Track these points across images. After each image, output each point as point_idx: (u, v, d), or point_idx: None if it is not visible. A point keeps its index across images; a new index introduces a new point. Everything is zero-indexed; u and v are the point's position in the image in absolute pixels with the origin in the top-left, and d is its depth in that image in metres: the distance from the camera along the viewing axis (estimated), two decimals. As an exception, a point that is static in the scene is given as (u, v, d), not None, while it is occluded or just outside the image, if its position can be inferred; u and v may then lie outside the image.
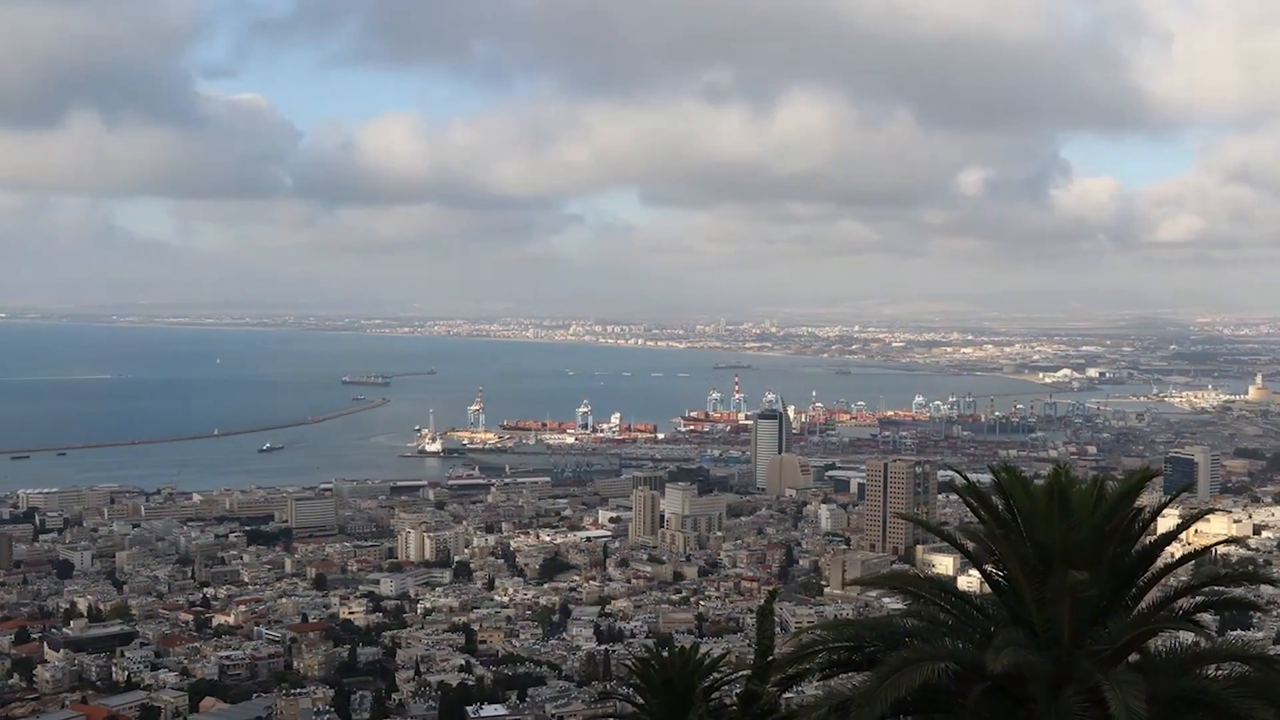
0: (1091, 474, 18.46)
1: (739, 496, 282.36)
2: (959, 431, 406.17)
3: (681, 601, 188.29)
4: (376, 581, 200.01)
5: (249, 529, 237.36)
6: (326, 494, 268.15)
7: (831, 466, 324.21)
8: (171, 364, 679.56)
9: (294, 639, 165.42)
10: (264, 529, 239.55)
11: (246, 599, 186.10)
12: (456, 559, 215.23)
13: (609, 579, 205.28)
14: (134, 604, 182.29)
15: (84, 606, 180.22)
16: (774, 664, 20.92)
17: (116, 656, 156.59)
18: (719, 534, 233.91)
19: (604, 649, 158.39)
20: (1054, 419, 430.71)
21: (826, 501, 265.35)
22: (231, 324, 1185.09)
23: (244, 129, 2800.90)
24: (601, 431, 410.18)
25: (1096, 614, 16.60)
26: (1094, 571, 16.20)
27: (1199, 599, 17.70)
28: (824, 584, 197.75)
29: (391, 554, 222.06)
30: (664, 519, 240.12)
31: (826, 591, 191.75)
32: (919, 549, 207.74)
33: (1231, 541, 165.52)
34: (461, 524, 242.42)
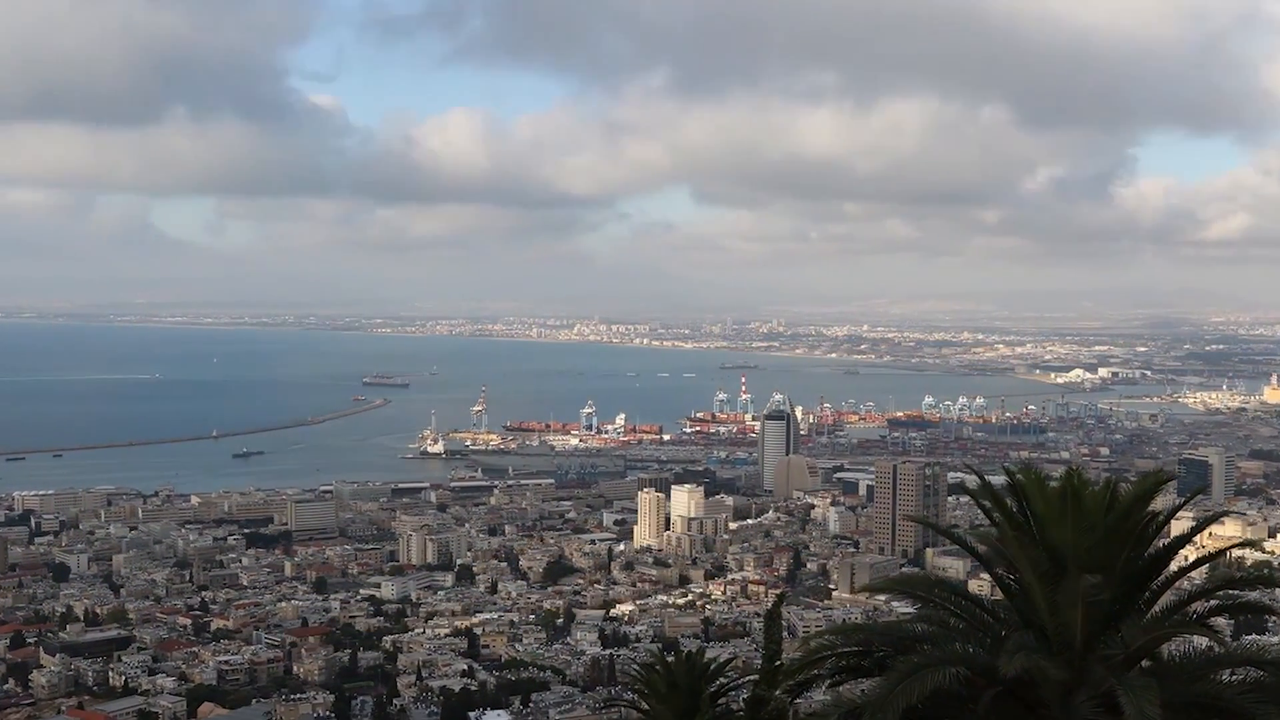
0: (1104, 476, 18.40)
1: (746, 499, 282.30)
2: (969, 433, 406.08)
3: (687, 605, 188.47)
4: (377, 585, 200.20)
5: (248, 532, 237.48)
6: (327, 496, 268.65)
7: (840, 468, 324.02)
8: (169, 365, 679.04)
9: (294, 643, 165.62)
10: (263, 532, 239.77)
11: (245, 603, 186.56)
12: (459, 562, 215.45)
13: (614, 583, 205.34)
14: (131, 608, 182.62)
15: (80, 610, 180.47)
16: (782, 669, 20.95)
17: (113, 661, 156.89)
18: (725, 537, 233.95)
19: (609, 654, 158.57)
20: (1066, 420, 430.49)
21: (835, 504, 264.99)
22: (230, 324, 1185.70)
23: (323, 127, 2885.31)
24: (606, 433, 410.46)
25: (1109, 618, 16.58)
26: (1107, 575, 16.20)
27: (1213, 603, 17.65)
28: (832, 588, 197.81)
29: (393, 557, 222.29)
30: (670, 522, 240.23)
31: (835, 595, 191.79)
32: (929, 552, 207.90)
33: (1246, 544, 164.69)
34: (464, 526, 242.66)
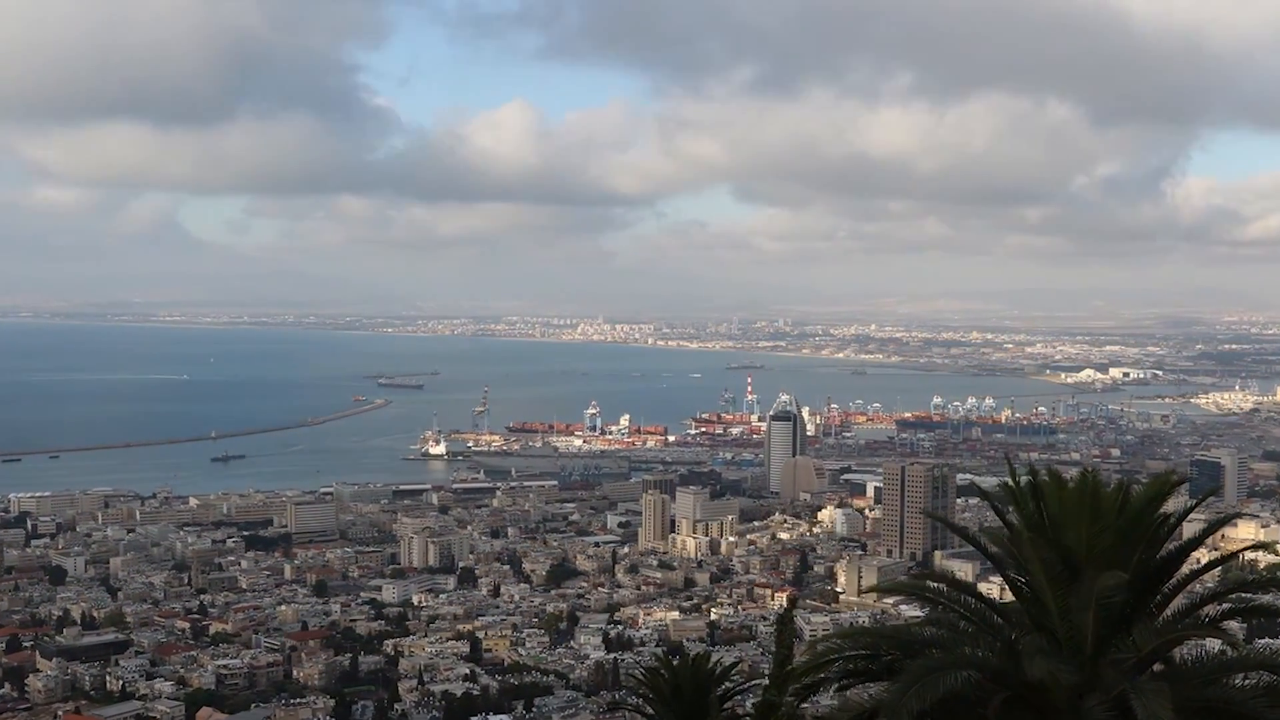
0: (1115, 477, 18.44)
1: (752, 500, 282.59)
2: (979, 434, 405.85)
3: (693, 609, 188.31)
4: (378, 588, 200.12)
5: (247, 534, 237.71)
6: (327, 498, 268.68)
7: (847, 469, 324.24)
8: (168, 365, 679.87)
9: (294, 647, 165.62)
10: (262, 534, 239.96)
11: (244, 606, 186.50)
12: (461, 565, 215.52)
13: (618, 585, 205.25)
14: (129, 611, 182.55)
15: (77, 614, 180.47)
16: (790, 673, 20.98)
17: (111, 665, 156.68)
18: (731, 539, 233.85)
19: (613, 658, 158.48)
20: (1076, 421, 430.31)
21: (842, 506, 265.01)
22: (229, 323, 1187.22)
23: (383, 125, 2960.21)
24: (610, 434, 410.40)
25: (1121, 621, 16.62)
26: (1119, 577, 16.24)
27: (1226, 606, 17.67)
28: (840, 591, 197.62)
29: (394, 560, 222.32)
30: (675, 524, 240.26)
31: (842, 598, 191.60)
32: (938, 554, 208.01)
33: (1259, 546, 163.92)
34: (466, 529, 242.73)
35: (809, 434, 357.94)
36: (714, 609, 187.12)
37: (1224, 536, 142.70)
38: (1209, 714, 16.16)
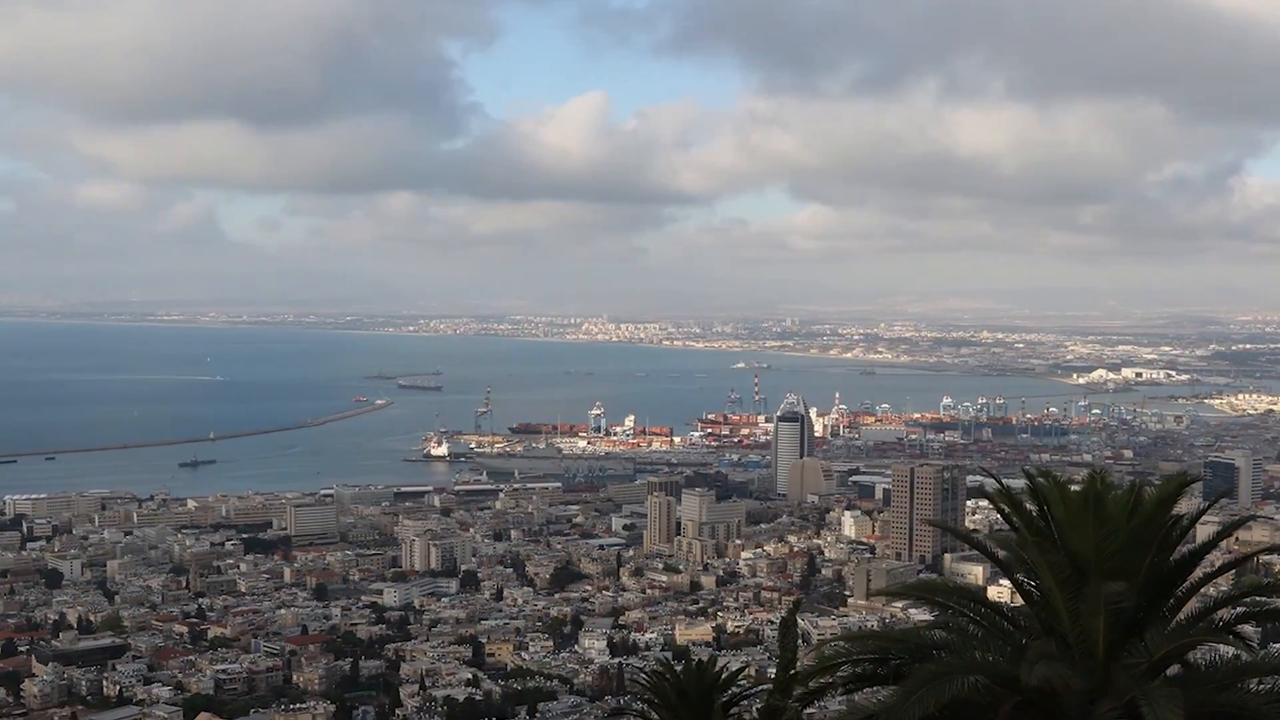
0: (1128, 479, 18.44)
1: (759, 503, 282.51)
2: (989, 435, 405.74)
3: (698, 612, 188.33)
4: (379, 591, 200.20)
5: (246, 537, 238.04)
6: (327, 500, 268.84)
7: (855, 471, 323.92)
8: (166, 365, 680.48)
9: (293, 652, 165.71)
10: (262, 537, 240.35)
11: (243, 610, 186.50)
12: (463, 568, 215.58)
13: (623, 589, 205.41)
14: (126, 615, 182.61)
15: (74, 618, 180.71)
16: (796, 678, 20.98)
17: (108, 670, 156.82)
18: (738, 542, 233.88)
19: (617, 662, 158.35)
20: (1088, 422, 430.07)
21: (850, 508, 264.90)
22: (228, 322, 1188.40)
23: (469, 124, 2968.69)
24: (615, 435, 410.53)
25: (1133, 625, 16.60)
26: (1130, 581, 16.22)
27: (1240, 610, 17.67)
28: (847, 594, 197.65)
29: (395, 563, 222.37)
30: (680, 526, 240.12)
31: (850, 602, 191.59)
32: (947, 557, 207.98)
33: (1274, 549, 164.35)
34: (468, 531, 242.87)
35: (817, 435, 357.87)
36: (720, 613, 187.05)
37: (1238, 539, 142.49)
38: (1223, 719, 16.16)
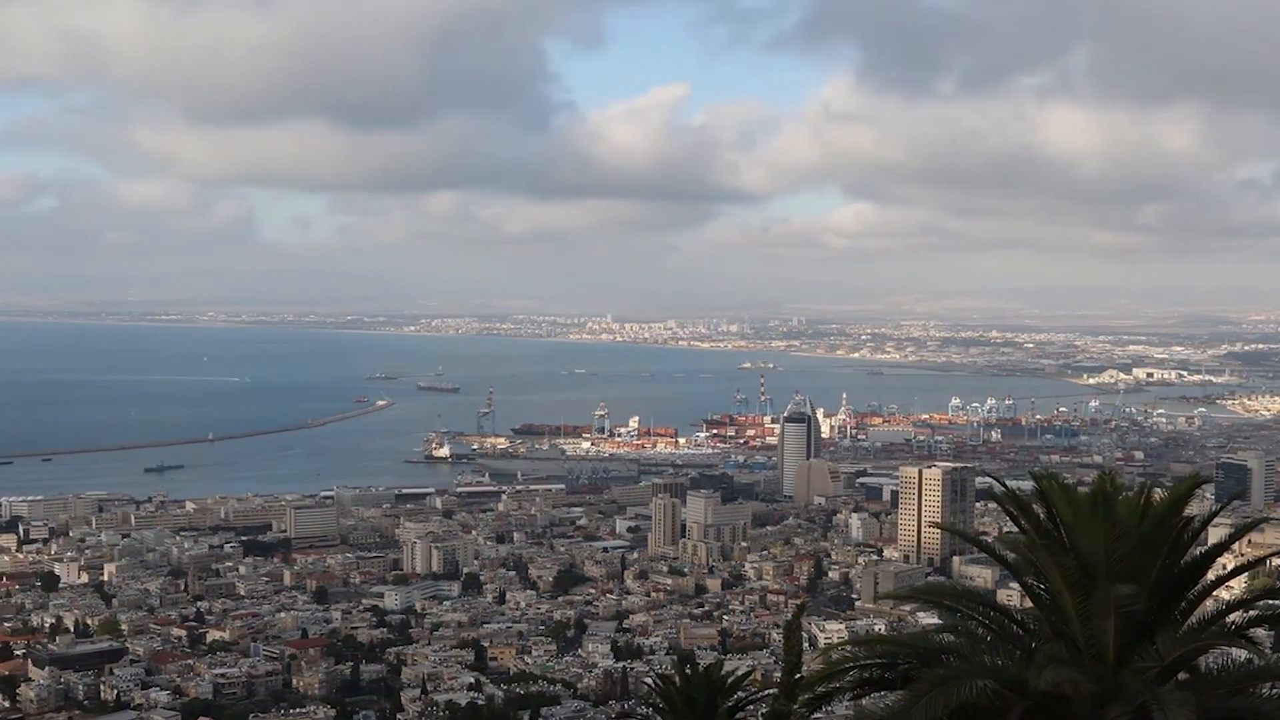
0: (1138, 481, 18.44)
1: (765, 505, 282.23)
2: (998, 436, 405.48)
3: (704, 616, 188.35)
4: (380, 595, 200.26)
5: (245, 539, 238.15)
6: (327, 502, 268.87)
7: (863, 473, 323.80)
8: (164, 365, 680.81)
9: (293, 656, 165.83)
10: (261, 539, 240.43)
11: (243, 613, 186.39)
12: (465, 571, 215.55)
13: (627, 592, 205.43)
14: (123, 619, 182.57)
15: (70, 621, 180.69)
16: (802, 682, 20.99)
17: (105, 674, 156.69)
18: (744, 544, 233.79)
19: (622, 666, 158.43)
20: (1099, 423, 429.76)
21: (857, 510, 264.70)
22: (227, 322, 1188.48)
23: (552, 122, 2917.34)
24: (619, 436, 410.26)
25: (1144, 629, 16.60)
26: (1141, 584, 16.22)
27: (1252, 613, 17.67)
28: (855, 597, 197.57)
29: (396, 565, 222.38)
30: (685, 528, 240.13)
31: (857, 605, 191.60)
32: (955, 560, 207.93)
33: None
34: (471, 534, 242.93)
35: (824, 436, 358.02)
36: (726, 616, 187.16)
37: (1250, 542, 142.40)
38: (1234, 724, 16.16)
